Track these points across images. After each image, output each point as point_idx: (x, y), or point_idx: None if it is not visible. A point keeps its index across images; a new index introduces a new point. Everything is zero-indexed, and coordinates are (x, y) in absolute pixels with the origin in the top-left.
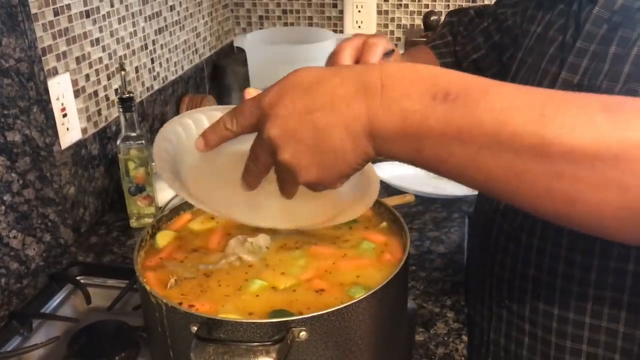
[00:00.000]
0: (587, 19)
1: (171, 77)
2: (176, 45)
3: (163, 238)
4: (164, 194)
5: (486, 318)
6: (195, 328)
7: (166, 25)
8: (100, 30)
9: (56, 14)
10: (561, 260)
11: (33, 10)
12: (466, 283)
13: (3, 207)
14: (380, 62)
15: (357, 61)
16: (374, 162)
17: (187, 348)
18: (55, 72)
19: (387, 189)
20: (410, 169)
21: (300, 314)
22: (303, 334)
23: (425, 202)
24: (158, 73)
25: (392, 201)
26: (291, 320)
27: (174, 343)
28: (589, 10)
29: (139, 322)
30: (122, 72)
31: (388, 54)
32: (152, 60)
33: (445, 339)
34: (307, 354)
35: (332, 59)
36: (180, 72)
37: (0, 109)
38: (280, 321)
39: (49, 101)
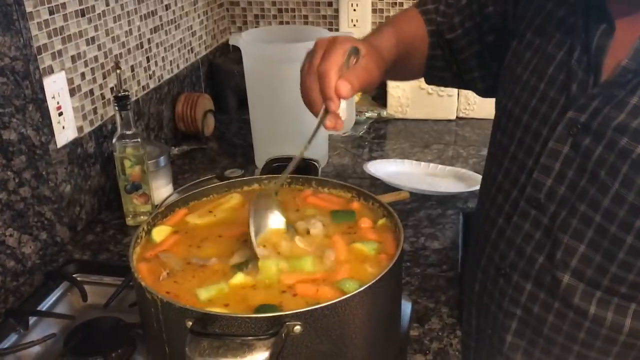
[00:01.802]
0: (604, 63)
1: (167, 76)
2: (172, 44)
3: (159, 234)
4: (160, 192)
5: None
6: (190, 323)
7: (162, 24)
8: (96, 29)
9: (51, 12)
10: (553, 311)
11: (28, 9)
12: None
13: None
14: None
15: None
16: (370, 159)
17: (182, 343)
18: (50, 70)
19: (382, 186)
20: (405, 167)
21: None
22: (297, 328)
23: (420, 199)
24: (154, 72)
25: (387, 198)
26: (285, 314)
27: (170, 338)
28: (604, 34)
29: (135, 319)
30: (118, 71)
31: (351, 55)
32: (148, 59)
33: (440, 334)
34: (302, 348)
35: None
36: (175, 71)
37: None
38: (274, 315)
39: (44, 100)
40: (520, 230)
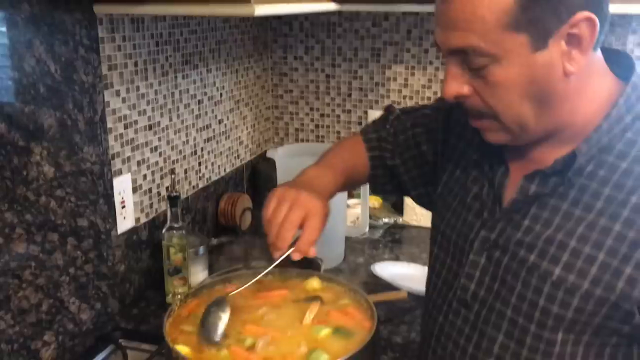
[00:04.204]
0: (505, 195)
1: (214, 178)
2: (221, 152)
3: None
4: (197, 276)
5: None
6: None
7: (214, 135)
8: (159, 139)
9: (126, 127)
10: None
11: (109, 125)
12: None
13: (68, 278)
14: None
15: None
16: (381, 260)
17: None
18: (119, 172)
19: (387, 286)
20: (410, 269)
21: None
22: None
23: (418, 299)
24: (203, 174)
25: (386, 296)
26: None
27: None
28: (502, 175)
29: None
30: (172, 176)
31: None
32: (199, 164)
33: None
34: None
35: None
36: (222, 174)
37: (75, 200)
38: None
39: (112, 195)
40: (454, 326)
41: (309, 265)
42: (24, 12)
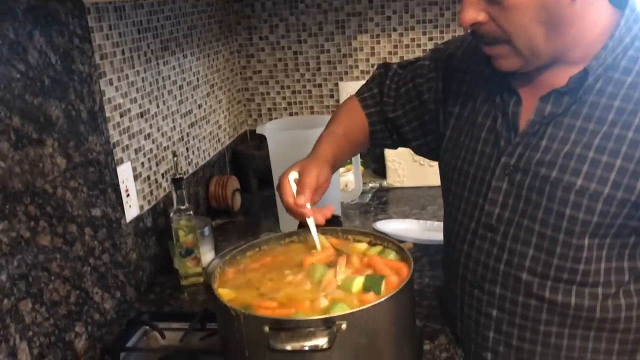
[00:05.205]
0: (519, 122)
1: (201, 163)
2: (204, 136)
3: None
4: (206, 256)
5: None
6: (267, 328)
7: (196, 121)
8: (150, 127)
9: (121, 115)
10: (519, 303)
11: (107, 114)
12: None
13: (89, 268)
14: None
15: None
16: (377, 220)
17: (260, 345)
18: (121, 161)
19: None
20: (407, 224)
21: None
22: (344, 326)
23: (422, 248)
24: (192, 160)
25: None
26: (336, 315)
27: (250, 342)
28: (515, 104)
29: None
30: (175, 158)
31: (294, 179)
32: (187, 149)
33: (447, 347)
34: (347, 339)
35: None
36: (207, 158)
37: (87, 190)
38: (329, 317)
39: (117, 184)
40: (482, 250)
41: (331, 223)
42: (22, 3)
